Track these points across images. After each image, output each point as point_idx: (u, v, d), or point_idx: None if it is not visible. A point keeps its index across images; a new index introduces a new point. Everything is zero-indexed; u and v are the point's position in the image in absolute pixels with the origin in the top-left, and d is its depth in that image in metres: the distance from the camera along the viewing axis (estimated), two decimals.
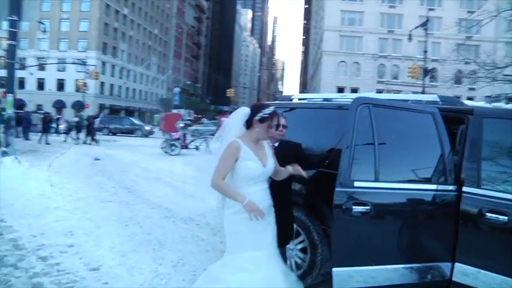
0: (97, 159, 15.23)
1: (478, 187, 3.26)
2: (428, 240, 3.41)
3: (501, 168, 3.33)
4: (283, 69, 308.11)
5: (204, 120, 49.27)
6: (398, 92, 41.63)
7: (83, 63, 52.01)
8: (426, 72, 31.69)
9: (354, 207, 3.14)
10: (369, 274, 3.22)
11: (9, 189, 7.98)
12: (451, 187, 3.36)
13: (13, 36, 10.04)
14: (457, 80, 47.54)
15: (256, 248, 3.12)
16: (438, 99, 3.89)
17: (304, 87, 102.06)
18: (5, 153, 10.02)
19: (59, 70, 64.25)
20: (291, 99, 5.32)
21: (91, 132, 24.75)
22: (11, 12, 9.62)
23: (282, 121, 3.71)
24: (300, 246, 4.36)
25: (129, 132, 37.79)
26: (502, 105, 3.90)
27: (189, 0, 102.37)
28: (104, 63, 66.89)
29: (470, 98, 40.60)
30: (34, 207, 7.06)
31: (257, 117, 3.12)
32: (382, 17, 59.25)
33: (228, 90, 71.07)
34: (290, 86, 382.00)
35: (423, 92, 31.72)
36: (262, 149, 3.22)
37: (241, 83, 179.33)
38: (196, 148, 21.36)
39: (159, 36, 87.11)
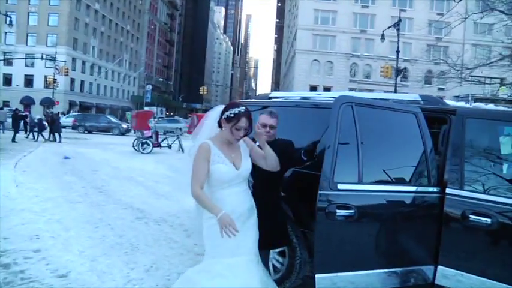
0: (66, 158, 14.81)
1: (461, 189, 3.21)
2: (412, 243, 3.35)
3: (484, 170, 3.28)
4: (256, 68, 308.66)
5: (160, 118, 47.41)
6: (371, 91, 42.20)
7: (53, 59, 50.82)
8: (398, 72, 32.13)
9: (337, 210, 3.01)
10: (351, 280, 3.11)
11: None
12: (434, 189, 3.29)
13: None
14: (427, 80, 48.60)
15: (235, 254, 2.95)
16: (420, 99, 3.83)
17: (277, 86, 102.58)
18: None
19: (26, 65, 62.16)
20: (270, 98, 5.19)
21: (54, 129, 24.00)
22: None
23: (270, 121, 3.50)
24: (278, 250, 4.23)
25: (106, 130, 36.98)
26: (482, 105, 3.86)
27: None
28: (74, 59, 65.26)
29: (440, 98, 41.39)
30: None
31: (224, 116, 2.95)
32: (355, 16, 59.88)
33: (200, 88, 70.67)
34: (263, 84, 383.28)
35: (395, 92, 32.18)
36: (236, 151, 3.04)
37: (214, 80, 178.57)
38: (169, 146, 21.07)
39: (131, 33, 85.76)
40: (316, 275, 3.01)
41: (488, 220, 3.02)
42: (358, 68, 60.61)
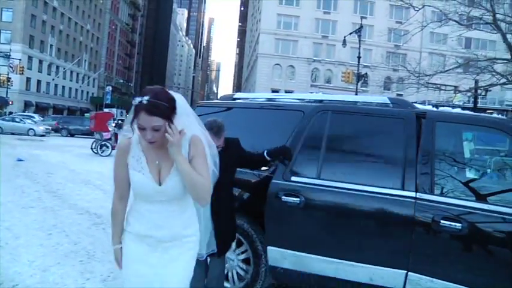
0: (20, 160, 14.18)
1: (431, 193, 3.16)
2: (371, 243, 3.35)
3: (454, 174, 3.26)
4: (218, 71, 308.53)
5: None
6: None
7: (6, 56, 49.02)
8: (359, 77, 32.76)
9: (284, 197, 3.56)
10: (300, 259, 3.49)
11: None
12: (399, 192, 3.26)
13: None
14: (386, 85, 49.82)
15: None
16: (389, 102, 3.78)
17: (238, 89, 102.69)
18: None
19: None
20: (234, 99, 5.05)
21: None
22: None
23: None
24: (242, 257, 4.09)
25: (91, 133, 34.71)
26: (449, 109, 3.85)
27: None
28: (30, 58, 63.29)
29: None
30: None
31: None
32: (317, 22, 60.89)
33: None
34: (225, 87, 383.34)
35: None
36: (166, 158, 2.14)
37: (175, 83, 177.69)
38: None
39: (91, 32, 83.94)
40: (268, 247, 3.64)
41: (459, 225, 2.99)
42: (320, 72, 61.57)
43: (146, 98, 1.99)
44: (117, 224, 2.32)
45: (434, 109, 3.77)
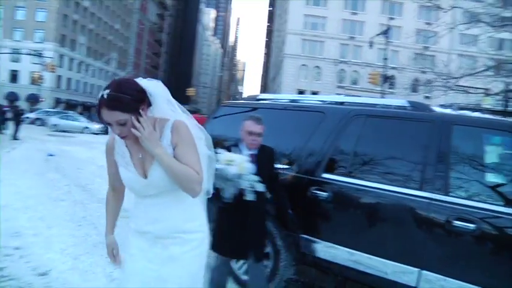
0: (51, 155, 14.61)
1: (446, 194, 3.23)
2: (391, 239, 3.45)
3: (469, 176, 3.31)
4: (244, 71, 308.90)
5: None
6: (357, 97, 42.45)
7: (39, 55, 50.32)
8: (386, 79, 32.36)
9: (314, 191, 3.86)
10: (327, 249, 3.74)
11: None
12: (420, 193, 3.33)
13: None
14: (414, 88, 49.08)
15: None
16: (407, 104, 3.85)
17: (264, 89, 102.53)
18: None
19: (12, 61, 61.38)
20: (257, 100, 5.19)
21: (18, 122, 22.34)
22: None
23: (257, 128, 3.46)
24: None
25: None
26: (468, 113, 3.90)
27: None
28: (61, 56, 64.77)
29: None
30: None
31: None
32: (344, 23, 60.23)
33: (188, 89, 70.40)
34: (251, 87, 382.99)
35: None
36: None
37: (201, 82, 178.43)
38: None
39: (120, 31, 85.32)
40: (301, 235, 3.91)
41: (472, 226, 3.05)
42: (346, 74, 60.94)
43: (107, 91, 1.89)
44: (109, 214, 2.34)
45: (453, 112, 3.82)
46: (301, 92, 55.25)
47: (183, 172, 1.96)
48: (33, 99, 56.37)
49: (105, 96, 1.87)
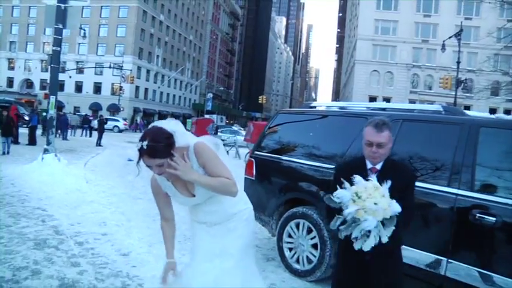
0: (130, 160, 15.82)
1: (471, 190, 3.55)
2: (418, 230, 3.74)
3: (493, 173, 3.61)
4: (316, 78, 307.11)
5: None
6: (431, 102, 41.04)
7: (119, 68, 53.66)
8: (459, 83, 31.21)
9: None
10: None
11: (50, 183, 8.76)
12: (447, 188, 3.66)
13: (57, 42, 10.75)
14: (494, 91, 46.54)
15: (208, 259, 2.66)
16: (441, 109, 4.19)
17: (337, 96, 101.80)
18: (46, 151, 10.72)
19: (96, 74, 66.00)
20: (311, 107, 5.70)
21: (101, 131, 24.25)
22: (57, 21, 10.36)
23: (377, 138, 2.63)
24: (311, 242, 4.72)
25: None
26: (503, 116, 4.16)
27: (224, 8, 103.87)
28: (139, 68, 68.50)
29: (507, 111, 39.67)
30: (72, 200, 7.73)
31: None
32: (417, 26, 58.49)
33: (260, 97, 71.50)
34: (324, 94, 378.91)
35: (455, 103, 31.35)
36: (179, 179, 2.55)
37: (274, 90, 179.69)
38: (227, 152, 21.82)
39: (193, 42, 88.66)
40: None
41: (493, 219, 3.35)
42: (420, 78, 59.13)
43: (145, 143, 2.30)
44: (167, 241, 2.76)
45: (483, 115, 4.10)
46: (372, 99, 54.37)
47: (219, 184, 2.47)
48: (114, 109, 60.20)
49: (145, 147, 2.31)
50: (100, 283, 4.09)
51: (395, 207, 2.31)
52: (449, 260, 3.52)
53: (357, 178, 2.39)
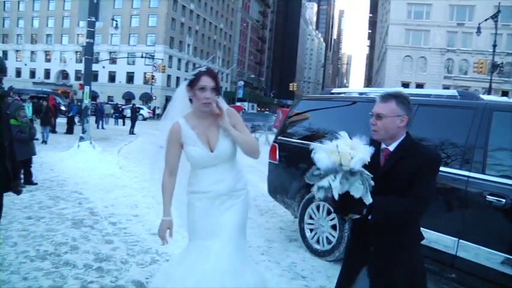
0: (161, 147, 16.30)
1: (483, 173, 3.66)
2: (431, 212, 3.77)
3: (506, 156, 3.71)
4: (348, 64, 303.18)
5: None
6: (467, 88, 40.00)
7: (151, 57, 54.47)
8: (494, 67, 30.17)
9: None
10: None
11: (85, 169, 9.33)
12: (464, 172, 3.77)
13: (91, 34, 11.22)
14: None
15: (208, 237, 2.70)
16: (457, 94, 4.29)
17: (369, 82, 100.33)
18: (81, 139, 11.25)
19: (128, 63, 67.45)
20: (332, 93, 5.86)
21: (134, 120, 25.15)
22: (90, 14, 10.78)
23: (376, 108, 2.40)
24: (331, 223, 4.93)
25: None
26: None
27: None
28: (170, 57, 69.43)
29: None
30: (106, 184, 8.23)
31: (187, 84, 2.72)
32: (452, 9, 56.62)
33: (291, 84, 71.24)
34: (356, 80, 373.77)
35: (490, 88, 30.54)
36: (212, 128, 2.72)
37: (305, 77, 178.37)
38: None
39: (224, 31, 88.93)
40: None
41: (503, 200, 3.46)
42: (454, 63, 57.45)
43: (203, 67, 2.70)
44: (167, 198, 2.77)
45: (497, 99, 4.18)
46: (405, 85, 53.32)
47: (249, 139, 2.76)
48: (147, 98, 61.33)
49: (204, 69, 2.66)
50: (131, 258, 4.44)
51: (358, 162, 2.10)
52: (461, 240, 3.66)
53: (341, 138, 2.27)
